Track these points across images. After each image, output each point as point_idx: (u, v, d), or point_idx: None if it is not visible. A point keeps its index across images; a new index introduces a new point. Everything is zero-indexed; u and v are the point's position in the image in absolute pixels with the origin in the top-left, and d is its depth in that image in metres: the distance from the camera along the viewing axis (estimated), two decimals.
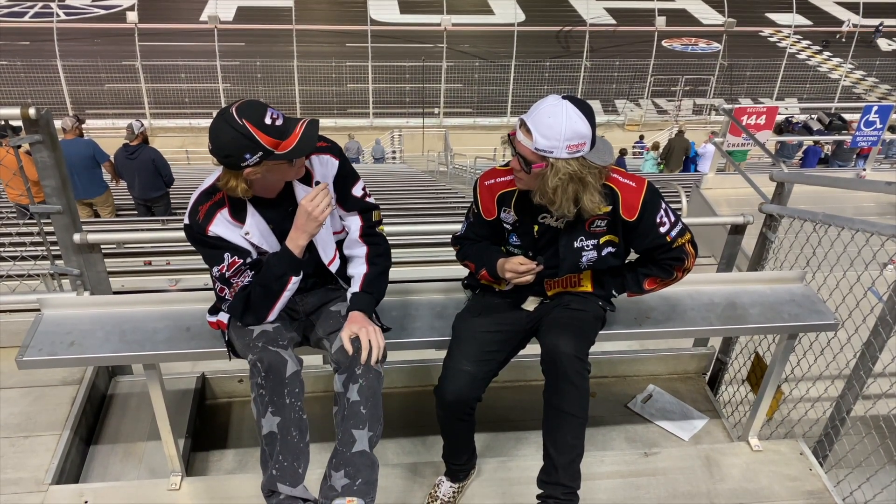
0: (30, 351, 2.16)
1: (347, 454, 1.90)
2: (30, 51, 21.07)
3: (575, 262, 2.13)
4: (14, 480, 2.48)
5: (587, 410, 2.08)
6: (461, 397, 2.15)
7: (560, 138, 1.84)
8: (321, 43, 23.64)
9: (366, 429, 1.92)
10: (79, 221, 2.80)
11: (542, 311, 2.26)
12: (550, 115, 1.85)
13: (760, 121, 6.45)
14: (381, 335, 2.02)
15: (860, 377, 2.53)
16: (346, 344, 1.97)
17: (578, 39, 23.69)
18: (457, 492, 2.49)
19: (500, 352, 2.22)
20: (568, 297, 2.24)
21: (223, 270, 1.97)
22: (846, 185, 4.85)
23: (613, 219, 2.07)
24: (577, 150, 1.87)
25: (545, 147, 1.86)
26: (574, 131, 1.85)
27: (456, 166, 15.21)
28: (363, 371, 1.96)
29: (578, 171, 1.89)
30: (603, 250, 2.13)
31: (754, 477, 2.63)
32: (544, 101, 1.89)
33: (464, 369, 2.14)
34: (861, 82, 24.35)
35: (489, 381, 2.20)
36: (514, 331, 2.25)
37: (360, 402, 1.93)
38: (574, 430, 2.08)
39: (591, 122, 1.89)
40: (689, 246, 2.15)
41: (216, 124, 1.79)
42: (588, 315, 2.20)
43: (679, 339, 3.46)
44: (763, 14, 28.58)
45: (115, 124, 18.24)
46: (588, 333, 2.17)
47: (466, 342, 2.20)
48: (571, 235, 2.10)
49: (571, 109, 1.86)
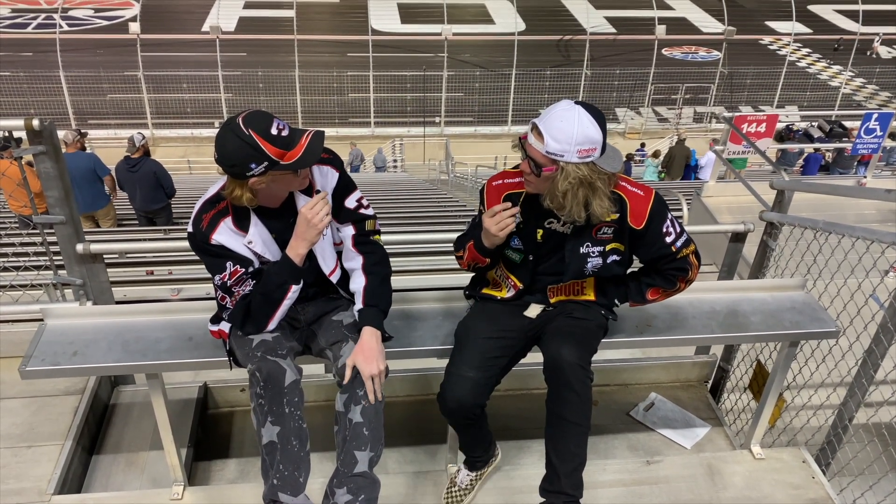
0: (33, 361, 2.16)
1: (349, 475, 1.92)
2: (32, 61, 21.18)
3: (580, 268, 2.14)
4: (17, 490, 2.48)
5: (589, 419, 2.08)
6: (463, 404, 2.15)
7: (571, 142, 1.86)
8: (322, 53, 23.74)
9: (367, 450, 1.94)
10: (81, 232, 2.81)
11: (544, 319, 2.26)
12: (563, 119, 1.87)
13: (761, 129, 6.47)
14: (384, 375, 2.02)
15: (862, 385, 2.53)
16: (348, 372, 1.99)
17: (579, 48, 23.76)
18: (475, 479, 2.52)
19: (503, 358, 2.22)
20: (571, 306, 2.25)
21: (225, 279, 1.98)
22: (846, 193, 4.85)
23: (620, 226, 2.08)
24: (587, 155, 1.89)
25: (556, 150, 1.88)
26: (585, 136, 1.86)
27: (457, 175, 15.23)
28: (365, 393, 1.97)
29: (588, 176, 1.90)
30: (608, 258, 2.14)
31: (757, 485, 2.62)
32: (557, 106, 1.91)
33: (466, 375, 2.14)
34: (861, 90, 24.39)
35: (492, 387, 2.20)
36: (516, 337, 2.25)
37: (362, 423, 1.95)
38: (576, 438, 2.08)
39: (602, 128, 1.90)
40: (692, 257, 2.17)
41: (222, 134, 1.81)
42: (591, 324, 2.20)
43: (681, 347, 3.46)
44: (762, 22, 28.66)
45: (117, 134, 18.32)
46: (590, 342, 2.17)
47: (468, 349, 2.20)
48: (578, 241, 2.11)
49: (584, 114, 1.87)
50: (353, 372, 1.99)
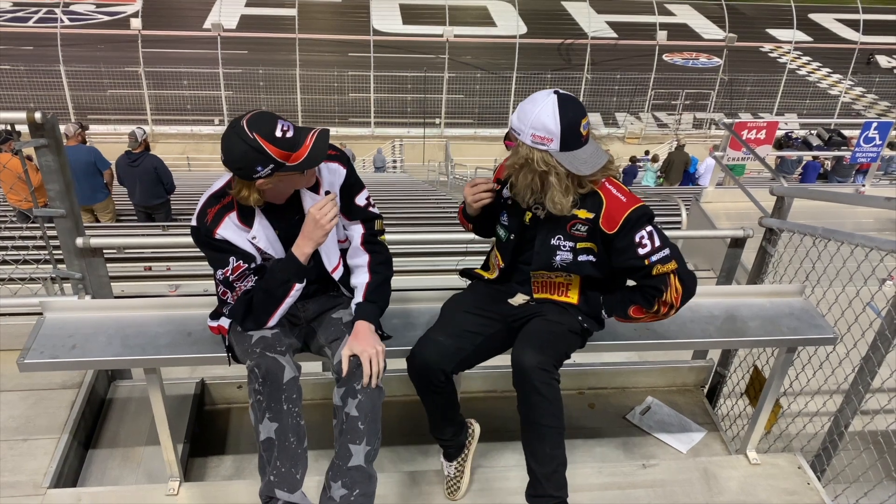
0: (31, 353, 2.16)
1: (344, 468, 1.92)
2: (33, 55, 21.12)
3: (548, 258, 2.13)
4: (12, 483, 2.48)
5: (562, 419, 2.07)
6: (428, 364, 2.15)
7: (527, 124, 1.93)
8: (324, 52, 23.74)
9: (363, 444, 1.94)
10: (82, 226, 2.81)
11: (523, 315, 2.24)
12: (533, 101, 1.95)
13: (761, 136, 6.49)
14: (382, 356, 2.02)
15: (859, 392, 2.54)
16: (345, 363, 1.98)
17: (580, 52, 23.81)
18: (458, 468, 2.51)
19: (478, 335, 2.21)
20: (548, 307, 2.23)
21: (227, 274, 1.99)
22: (846, 200, 4.88)
23: (594, 227, 2.06)
24: (540, 142, 1.92)
25: (516, 128, 1.97)
26: (541, 123, 1.90)
27: (456, 176, 15.25)
28: (363, 387, 1.97)
29: (537, 163, 1.94)
30: (579, 255, 2.11)
31: (752, 490, 2.63)
32: (542, 91, 1.97)
33: (436, 339, 2.18)
34: (861, 99, 24.46)
35: (462, 358, 2.18)
36: (495, 319, 2.26)
37: (358, 417, 1.94)
38: (551, 440, 2.08)
39: (566, 123, 1.90)
40: (673, 277, 2.03)
41: (227, 137, 1.82)
42: (562, 328, 2.17)
43: (678, 352, 3.47)
44: (763, 30, 28.73)
45: (116, 130, 18.28)
46: (558, 345, 2.14)
47: (446, 318, 2.27)
48: (551, 232, 2.11)
49: (551, 104, 1.91)
50: (351, 364, 1.98)
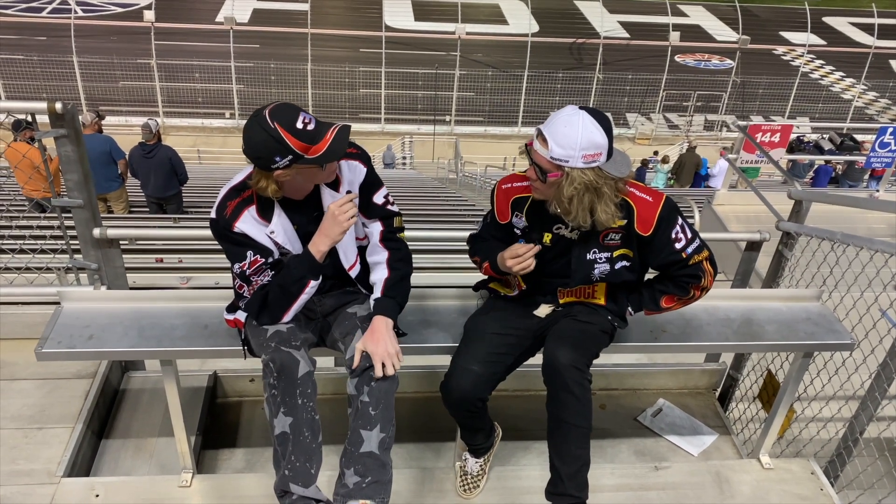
0: (49, 343, 2.17)
1: (356, 454, 1.92)
2: (46, 46, 21.22)
3: (587, 273, 2.13)
4: (27, 472, 2.49)
5: (590, 420, 2.08)
6: (466, 396, 2.16)
7: (576, 147, 1.86)
8: (335, 47, 23.75)
9: (375, 430, 1.93)
10: (99, 216, 2.82)
11: (552, 320, 2.26)
12: (567, 124, 1.87)
13: (774, 139, 6.45)
14: (396, 358, 2.01)
15: (875, 398, 2.52)
16: (357, 357, 1.98)
17: (592, 52, 23.75)
18: (484, 464, 2.57)
19: (509, 355, 2.22)
20: (577, 308, 2.24)
21: (244, 268, 1.99)
22: (865, 205, 4.83)
23: (628, 233, 2.06)
24: (592, 160, 1.88)
25: (561, 156, 1.88)
26: (590, 141, 1.86)
27: (466, 174, 15.23)
28: (374, 376, 1.97)
29: (594, 181, 1.90)
30: (616, 264, 2.13)
31: (765, 495, 2.62)
32: (562, 111, 1.91)
33: (470, 368, 2.15)
34: (874, 103, 24.30)
35: (496, 383, 2.21)
36: (524, 336, 2.26)
37: (369, 403, 1.95)
38: (578, 439, 2.08)
39: (607, 132, 1.90)
40: (706, 264, 2.12)
41: (249, 126, 1.82)
42: (594, 328, 2.19)
43: (691, 354, 3.45)
44: (777, 32, 28.58)
45: (128, 121, 18.34)
46: (589, 345, 2.16)
47: (476, 342, 2.21)
48: (585, 247, 2.11)
49: (588, 119, 1.87)
50: (363, 357, 1.98)
